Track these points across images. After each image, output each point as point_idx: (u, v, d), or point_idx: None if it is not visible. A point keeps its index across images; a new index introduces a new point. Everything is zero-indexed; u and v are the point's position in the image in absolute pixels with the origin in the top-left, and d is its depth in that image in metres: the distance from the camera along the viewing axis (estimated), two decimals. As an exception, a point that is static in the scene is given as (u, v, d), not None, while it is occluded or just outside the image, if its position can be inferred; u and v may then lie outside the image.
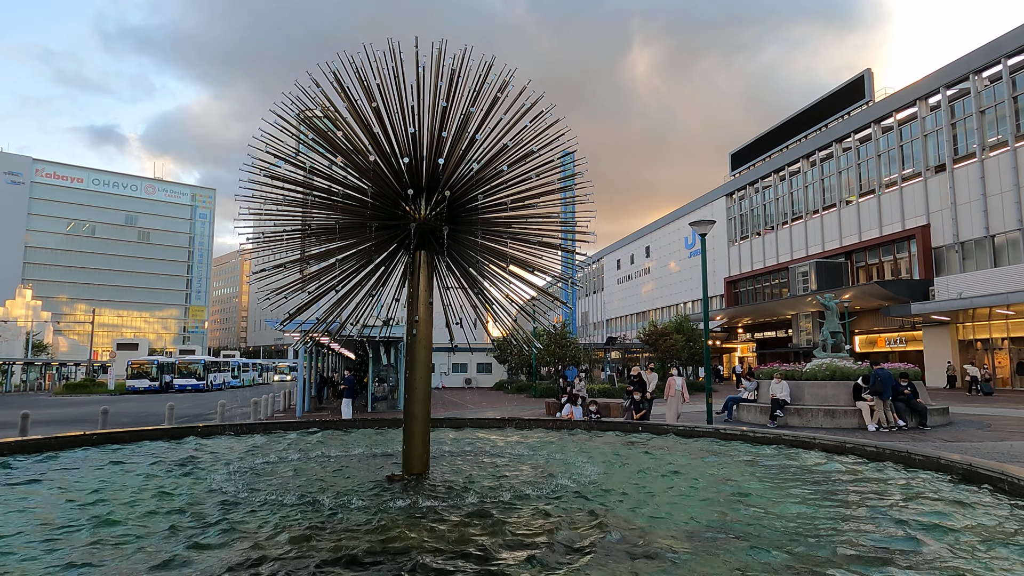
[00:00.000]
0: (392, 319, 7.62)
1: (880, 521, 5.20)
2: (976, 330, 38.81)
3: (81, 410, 29.88)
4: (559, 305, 8.24)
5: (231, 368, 66.93)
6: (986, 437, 15.02)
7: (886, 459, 7.92)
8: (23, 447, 8.50)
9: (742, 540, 4.69)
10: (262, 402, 21.53)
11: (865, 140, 47.12)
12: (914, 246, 42.18)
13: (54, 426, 19.33)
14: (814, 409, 18.03)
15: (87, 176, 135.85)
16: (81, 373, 70.77)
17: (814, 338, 42.53)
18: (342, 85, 6.57)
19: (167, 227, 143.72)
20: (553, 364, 39.93)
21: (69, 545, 4.57)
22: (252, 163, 6.78)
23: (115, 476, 7.26)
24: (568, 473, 7.46)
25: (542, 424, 12.37)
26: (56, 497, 6.16)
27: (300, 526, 5.12)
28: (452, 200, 6.86)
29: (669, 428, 11.22)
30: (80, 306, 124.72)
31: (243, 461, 8.36)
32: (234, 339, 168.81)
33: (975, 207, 37.92)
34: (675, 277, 71.22)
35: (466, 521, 5.28)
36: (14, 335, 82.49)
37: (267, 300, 6.96)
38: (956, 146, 39.68)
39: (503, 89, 6.74)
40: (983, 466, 6.66)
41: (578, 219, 7.35)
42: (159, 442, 9.83)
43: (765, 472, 7.62)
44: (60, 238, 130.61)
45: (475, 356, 52.56)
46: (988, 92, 37.65)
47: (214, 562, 4.22)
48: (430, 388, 7.10)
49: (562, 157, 7.23)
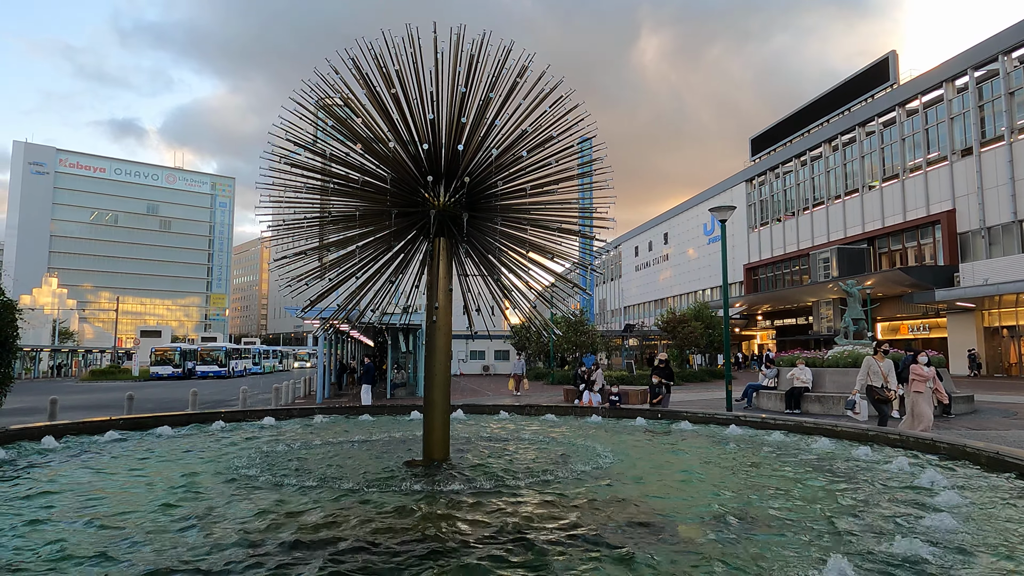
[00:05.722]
0: (411, 306, 7.65)
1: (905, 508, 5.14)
2: (1002, 317, 38.09)
3: (108, 395, 30.46)
4: (577, 292, 8.20)
5: (252, 355, 67.66)
6: (1012, 425, 14.78)
7: (911, 447, 7.83)
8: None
9: (764, 526, 4.67)
10: (283, 388, 21.77)
11: (889, 124, 46.17)
12: (939, 231, 41.36)
13: (83, 411, 19.73)
14: (835, 396, 17.84)
15: (109, 166, 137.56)
16: (106, 360, 72.08)
17: (835, 325, 42.09)
18: (361, 72, 6.56)
19: (188, 216, 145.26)
20: (571, 351, 39.89)
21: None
22: (271, 151, 6.82)
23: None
24: (586, 458, 7.47)
25: (560, 411, 12.39)
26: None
27: (319, 512, 5.19)
28: (471, 187, 6.84)
29: (686, 415, 11.18)
30: (104, 294, 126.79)
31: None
32: (254, 326, 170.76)
33: (1003, 191, 37.07)
34: (693, 264, 70.66)
35: (483, 505, 5.31)
36: (41, 323, 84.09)
37: (288, 288, 7.01)
38: (984, 129, 38.74)
39: (522, 74, 6.68)
40: (1010, 454, 6.56)
41: (597, 204, 7.31)
42: (191, 425, 10.07)
43: (789, 461, 7.57)
44: (84, 227, 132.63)
45: (493, 343, 52.60)
46: (1018, 73, 36.66)
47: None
48: (450, 375, 7.12)
49: (580, 143, 7.17)
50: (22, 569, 3.84)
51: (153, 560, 4.00)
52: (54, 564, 3.95)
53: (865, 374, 12.38)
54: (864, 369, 12.49)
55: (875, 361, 12.47)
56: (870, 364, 12.41)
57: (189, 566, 3.89)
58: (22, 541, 4.40)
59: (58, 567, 3.89)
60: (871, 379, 12.17)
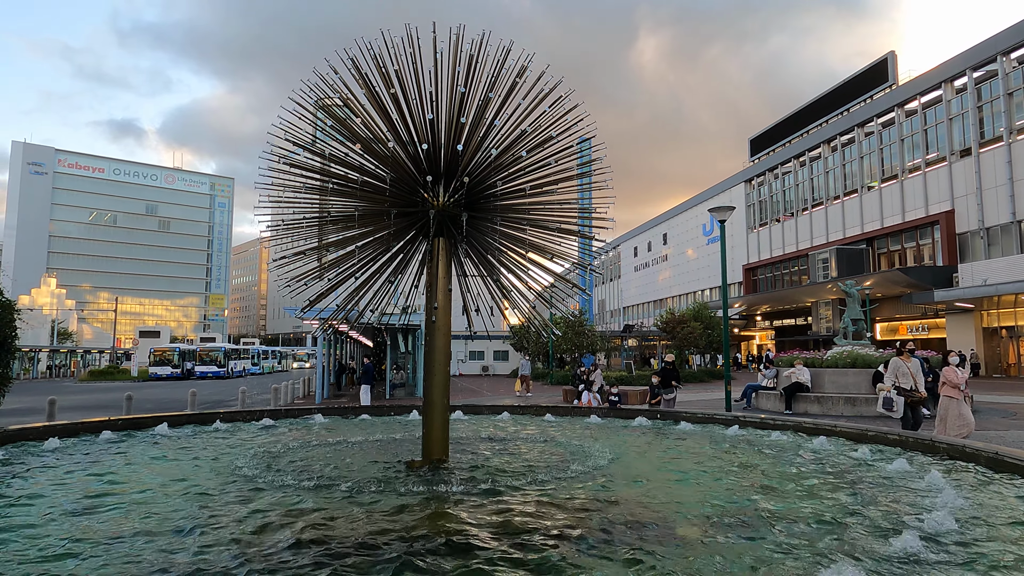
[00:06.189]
0: (410, 306, 7.64)
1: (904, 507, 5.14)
2: (1001, 317, 38.12)
3: (107, 396, 30.42)
4: (577, 292, 8.20)
5: (251, 355, 67.61)
6: (1011, 425, 14.79)
7: (910, 448, 7.84)
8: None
9: (755, 528, 4.66)
10: (282, 389, 21.77)
11: (888, 124, 46.20)
12: (938, 232, 41.39)
13: (82, 411, 19.71)
14: (834, 397, 17.85)
15: (108, 166, 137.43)
16: (105, 360, 71.98)
17: (834, 326, 42.08)
18: (360, 72, 6.56)
19: (187, 216, 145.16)
20: (570, 352, 39.91)
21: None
22: (271, 151, 6.81)
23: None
24: (585, 458, 7.46)
25: (559, 411, 12.39)
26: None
27: (319, 513, 5.18)
28: (471, 187, 6.83)
29: (686, 416, 11.18)
30: (103, 294, 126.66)
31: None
32: (253, 327, 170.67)
33: (1002, 192, 37.10)
34: (693, 264, 70.67)
35: (483, 505, 5.30)
36: (40, 323, 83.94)
37: (287, 288, 7.01)
38: (982, 129, 38.78)
39: (521, 74, 6.68)
40: (1009, 454, 6.56)
41: (596, 205, 7.30)
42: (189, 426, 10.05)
43: (789, 461, 7.57)
44: (83, 227, 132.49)
45: (492, 343, 52.59)
46: (1016, 74, 36.70)
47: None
48: (449, 375, 7.11)
49: (579, 143, 7.17)
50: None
51: (151, 561, 3.99)
52: (49, 566, 3.94)
53: (893, 375, 11.98)
54: (892, 370, 12.09)
55: (902, 362, 12.04)
56: (898, 365, 12.00)
57: (187, 567, 3.88)
58: (17, 545, 4.39)
59: (50, 570, 3.88)
60: (899, 380, 11.79)
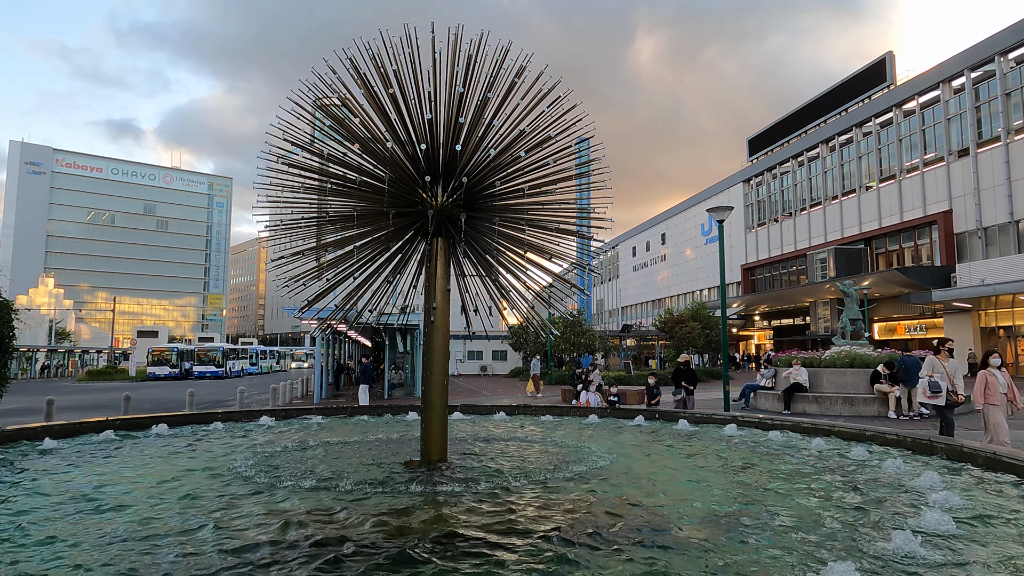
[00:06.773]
0: (408, 306, 7.64)
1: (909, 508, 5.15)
2: (999, 317, 38.17)
3: (105, 396, 30.37)
4: (575, 292, 8.20)
5: (249, 355, 67.51)
6: (1010, 425, 14.79)
7: (907, 447, 7.85)
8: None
9: (756, 527, 4.67)
10: (281, 389, 21.75)
11: (886, 124, 46.25)
12: (935, 232, 41.44)
13: (80, 412, 19.68)
14: (833, 397, 17.87)
15: (106, 166, 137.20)
16: (103, 360, 71.85)
17: (832, 325, 42.13)
18: (359, 71, 6.55)
19: (185, 216, 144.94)
20: (569, 351, 39.93)
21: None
22: (269, 151, 6.80)
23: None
24: (584, 458, 7.46)
25: (558, 411, 12.39)
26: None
27: (322, 513, 5.18)
28: (469, 187, 6.83)
29: (684, 415, 11.18)
30: (101, 294, 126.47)
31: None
32: (252, 327, 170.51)
33: (999, 192, 37.15)
34: (691, 264, 70.70)
35: (481, 505, 5.30)
36: (38, 323, 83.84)
37: (285, 288, 7.00)
38: (980, 130, 38.82)
39: (520, 74, 6.68)
40: (1007, 454, 6.57)
41: (595, 205, 7.30)
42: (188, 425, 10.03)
43: (787, 460, 7.58)
44: (81, 227, 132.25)
45: (491, 343, 52.60)
46: (1014, 74, 36.75)
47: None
48: (447, 375, 7.10)
49: (578, 143, 7.17)
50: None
51: (149, 562, 3.99)
52: (47, 566, 3.93)
53: (929, 372, 11.62)
54: (927, 368, 11.72)
55: (939, 361, 11.65)
56: (933, 364, 11.65)
57: (185, 567, 3.88)
58: (15, 545, 4.38)
59: (51, 571, 3.87)
60: (935, 379, 11.50)
